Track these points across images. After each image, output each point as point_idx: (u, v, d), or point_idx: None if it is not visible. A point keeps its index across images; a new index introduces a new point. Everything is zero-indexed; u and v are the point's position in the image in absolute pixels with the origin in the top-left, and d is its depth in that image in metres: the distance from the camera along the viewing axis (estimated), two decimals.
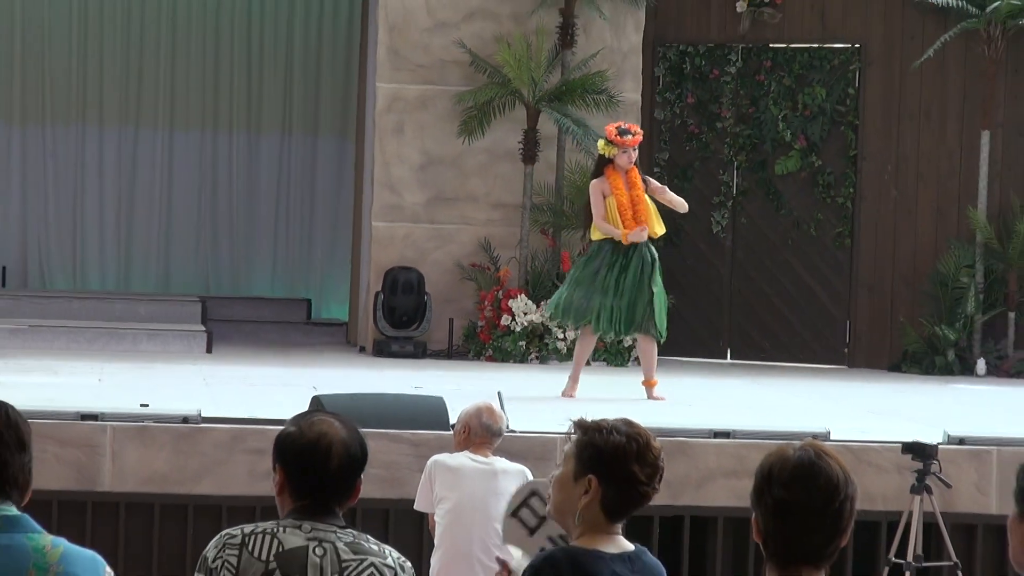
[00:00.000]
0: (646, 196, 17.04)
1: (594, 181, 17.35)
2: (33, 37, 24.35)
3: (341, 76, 24.33)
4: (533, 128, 21.37)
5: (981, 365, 21.52)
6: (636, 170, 17.09)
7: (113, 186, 24.60)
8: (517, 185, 21.40)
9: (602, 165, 17.31)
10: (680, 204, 17.46)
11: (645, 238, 16.90)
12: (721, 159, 22.37)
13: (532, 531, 6.60)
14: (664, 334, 17.39)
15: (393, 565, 6.32)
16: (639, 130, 17.49)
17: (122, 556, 11.97)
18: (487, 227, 21.55)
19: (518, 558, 6.86)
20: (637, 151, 17.20)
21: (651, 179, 17.48)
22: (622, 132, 17.19)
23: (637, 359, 19.83)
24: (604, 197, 17.08)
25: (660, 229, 17.18)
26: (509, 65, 21.21)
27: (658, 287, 17.20)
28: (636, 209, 16.87)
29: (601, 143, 17.39)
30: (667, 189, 17.49)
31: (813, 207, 22.43)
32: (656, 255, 17.17)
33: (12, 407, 5.82)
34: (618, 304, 17.04)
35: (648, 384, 17.24)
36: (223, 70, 24.65)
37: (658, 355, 17.56)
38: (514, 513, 7.10)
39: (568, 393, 17.00)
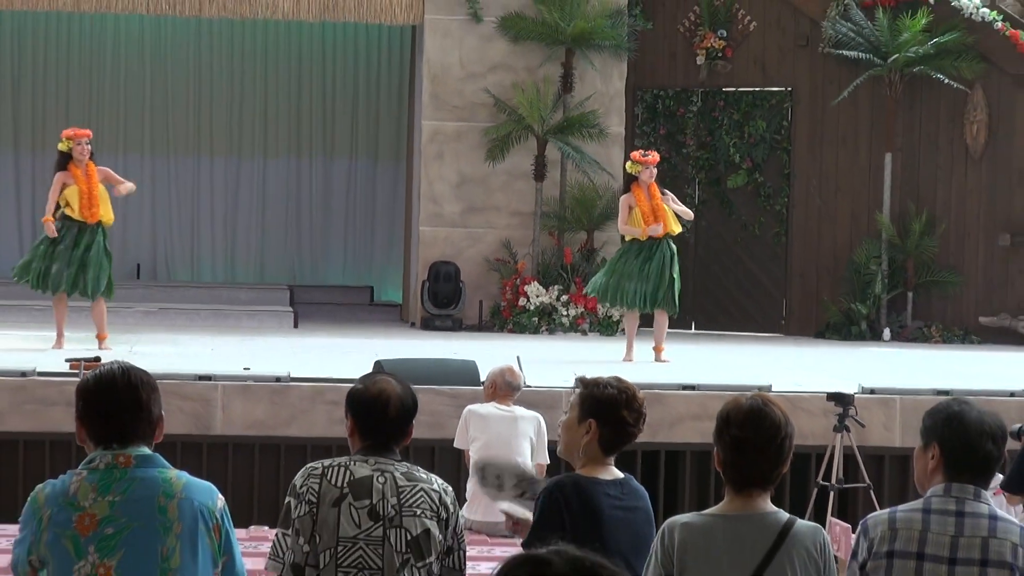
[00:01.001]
0: (663, 204, 17.11)
1: (623, 196, 17.51)
2: (158, 85, 24.32)
3: (395, 114, 24.29)
4: (542, 154, 21.46)
5: (887, 333, 21.59)
6: (656, 186, 17.19)
7: (220, 201, 24.63)
8: (530, 198, 21.45)
9: (629, 182, 17.50)
10: (686, 213, 17.69)
11: (661, 233, 17.00)
12: (686, 177, 22.29)
13: (500, 490, 6.74)
14: (677, 310, 17.62)
15: (438, 489, 6.48)
16: (656, 154, 17.62)
17: (230, 485, 12.07)
18: (507, 230, 21.57)
19: (518, 509, 6.93)
20: (655, 169, 17.24)
21: (668, 192, 17.52)
22: (644, 154, 17.43)
23: (623, 330, 19.84)
24: (630, 208, 17.20)
25: (677, 228, 17.33)
26: (523, 106, 21.30)
27: (676, 274, 17.29)
28: (656, 214, 17.04)
29: (628, 164, 17.62)
30: (679, 202, 17.64)
31: (756, 213, 22.46)
32: (675, 250, 17.30)
33: (133, 372, 5.95)
34: (644, 288, 17.13)
35: (657, 350, 17.37)
36: (304, 111, 24.63)
37: (646, 334, 17.64)
38: (483, 486, 7.29)
39: (627, 358, 17.16)
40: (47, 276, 16.50)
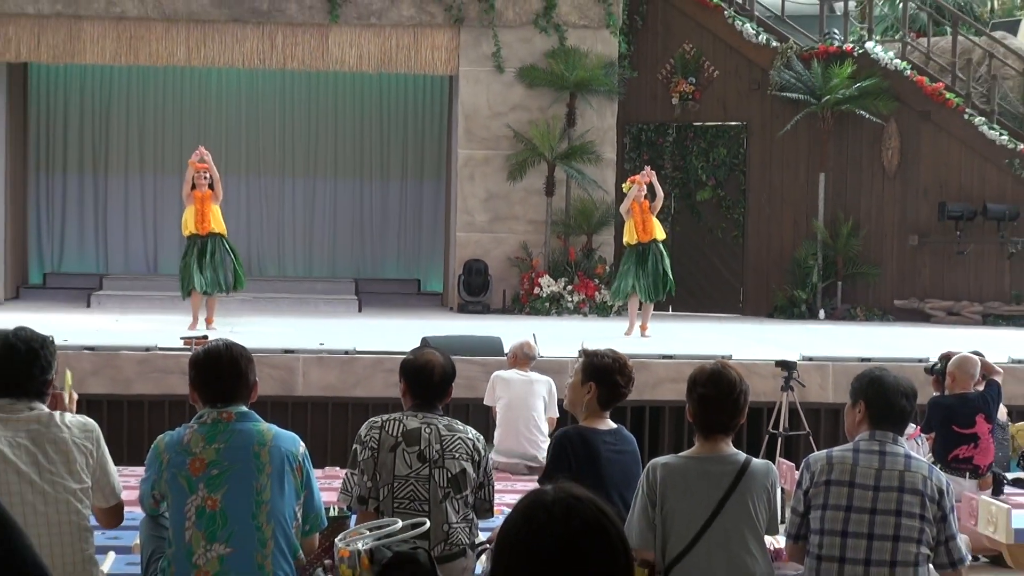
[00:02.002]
0: (652, 217, 17.32)
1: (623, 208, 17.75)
2: (251, 121, 24.37)
3: (436, 144, 24.28)
4: (551, 175, 21.46)
5: (821, 313, 21.59)
6: (648, 203, 17.34)
7: (300, 212, 24.66)
8: (542, 209, 21.43)
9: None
10: (660, 195, 17.79)
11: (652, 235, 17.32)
12: (664, 192, 22.22)
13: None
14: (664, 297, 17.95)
15: (472, 438, 6.52)
16: (645, 174, 17.70)
17: (308, 435, 12.05)
18: (524, 235, 21.56)
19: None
20: (645, 188, 17.34)
21: (655, 181, 17.75)
22: (635, 176, 17.85)
23: (617, 313, 19.84)
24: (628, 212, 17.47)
25: (661, 235, 17.37)
26: (537, 138, 21.33)
27: (668, 269, 17.46)
28: (645, 225, 17.08)
29: (625, 185, 17.83)
30: (655, 183, 17.78)
31: (719, 220, 22.44)
32: (664, 251, 17.43)
33: (234, 347, 6.11)
34: (645, 282, 17.21)
35: (643, 328, 17.50)
36: (365, 142, 24.65)
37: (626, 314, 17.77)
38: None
39: (628, 333, 17.34)
40: (192, 280, 16.68)
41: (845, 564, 5.78)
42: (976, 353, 11.13)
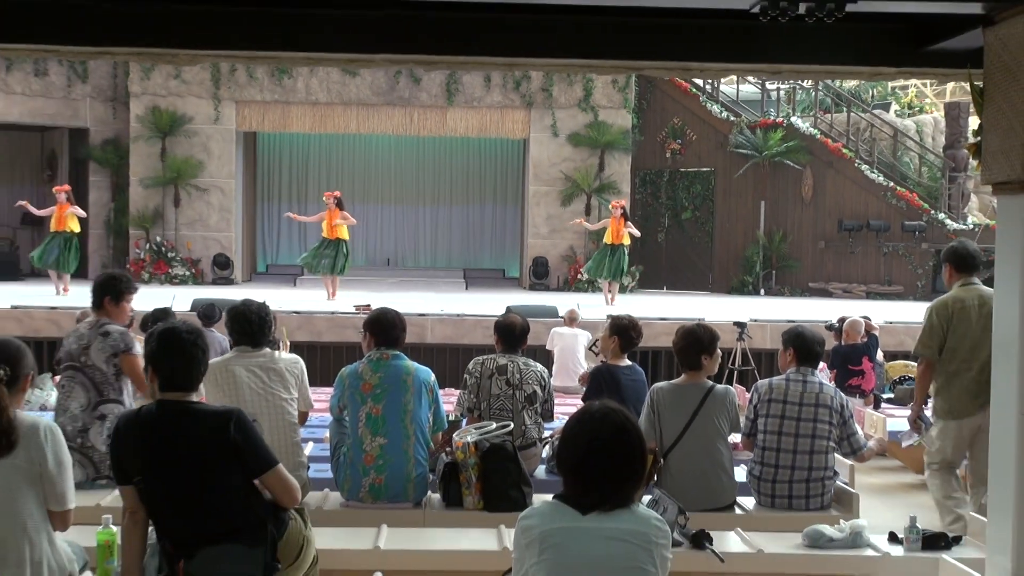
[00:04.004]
0: (623, 228, 17.09)
1: (601, 221, 17.95)
2: (390, 166, 24.29)
3: (515, 182, 24.21)
4: (588, 203, 21.34)
5: (762, 291, 21.36)
6: (623, 220, 17.16)
7: (425, 225, 24.62)
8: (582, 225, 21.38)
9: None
10: (635, 231, 17.48)
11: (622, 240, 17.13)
12: (660, 213, 22.13)
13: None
14: (623, 280, 17.89)
15: (540, 370, 6.54)
16: (617, 204, 17.56)
17: (436, 368, 12.08)
18: (571, 241, 21.47)
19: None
20: (620, 210, 17.23)
21: (630, 223, 17.49)
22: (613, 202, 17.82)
23: (624, 291, 19.74)
24: (605, 229, 17.41)
25: (627, 241, 17.19)
26: (579, 179, 21.23)
27: (626, 264, 17.32)
28: (617, 234, 16.98)
29: (610, 207, 17.70)
30: (632, 226, 17.44)
31: (696, 231, 22.22)
32: (625, 251, 17.22)
33: (393, 310, 6.05)
34: (612, 267, 17.12)
35: (612, 299, 17.27)
36: (471, 180, 24.59)
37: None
38: None
39: (609, 304, 17.02)
40: (319, 264, 16.74)
41: (780, 453, 5.78)
42: (865, 317, 11.12)
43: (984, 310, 6.16)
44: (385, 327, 5.86)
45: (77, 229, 16.47)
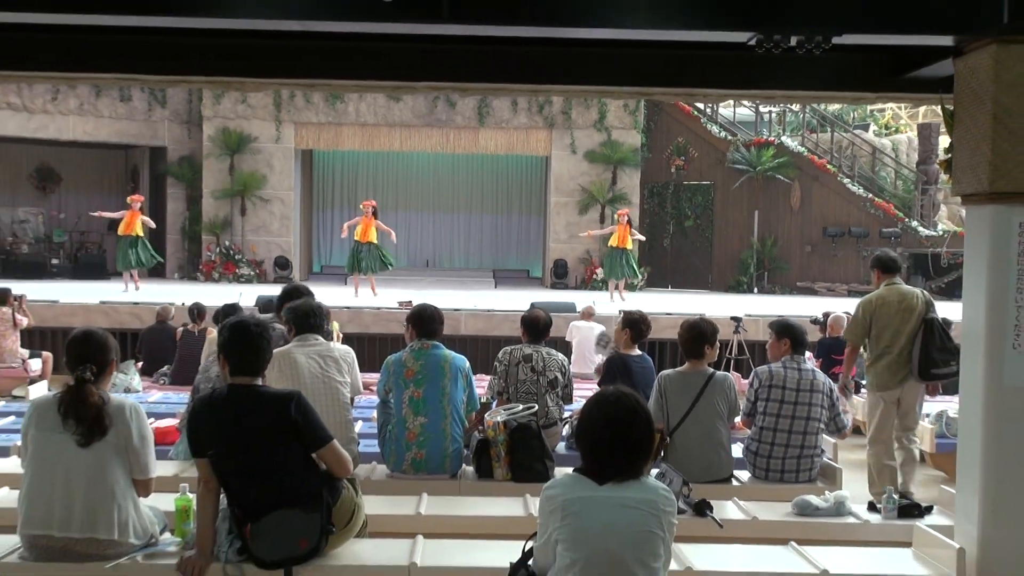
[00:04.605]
0: (627, 234, 17.10)
1: (608, 227, 17.86)
2: (428, 177, 24.18)
3: (539, 194, 24.05)
4: (603, 212, 21.23)
5: (756, 290, 21.21)
6: (628, 226, 17.14)
7: (462, 231, 24.49)
8: (598, 232, 21.26)
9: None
10: (639, 237, 17.44)
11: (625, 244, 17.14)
12: (666, 221, 22.01)
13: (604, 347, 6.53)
14: (636, 279, 17.87)
15: (561, 359, 6.52)
16: (623, 212, 17.51)
17: (469, 356, 12.07)
18: (587, 246, 21.34)
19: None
20: (626, 217, 17.21)
21: (635, 230, 17.44)
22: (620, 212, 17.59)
23: (635, 289, 19.67)
24: (611, 234, 17.35)
25: (630, 245, 17.15)
26: (595, 191, 21.13)
27: (633, 264, 17.35)
28: (622, 237, 16.88)
29: (616, 215, 17.68)
30: (636, 232, 17.42)
31: (698, 237, 22.03)
32: (630, 254, 17.26)
33: (432, 306, 6.02)
34: (621, 269, 17.10)
35: (621, 294, 17.27)
36: (499, 192, 24.45)
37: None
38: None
39: (613, 299, 16.95)
40: (359, 264, 16.68)
41: (776, 432, 5.75)
42: (846, 313, 11.02)
43: (903, 304, 6.62)
44: (425, 320, 5.84)
45: (142, 233, 16.76)
